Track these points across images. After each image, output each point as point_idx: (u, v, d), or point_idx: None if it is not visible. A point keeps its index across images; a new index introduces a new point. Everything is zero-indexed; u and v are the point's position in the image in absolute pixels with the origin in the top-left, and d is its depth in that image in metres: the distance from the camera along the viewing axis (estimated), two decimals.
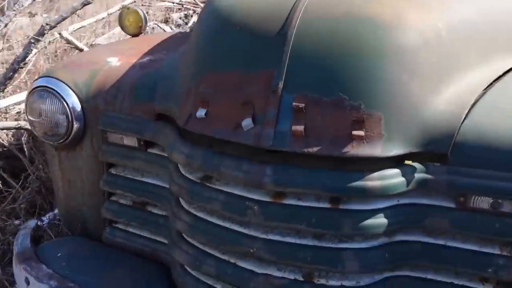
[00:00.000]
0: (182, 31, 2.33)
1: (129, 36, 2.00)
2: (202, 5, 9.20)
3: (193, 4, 9.22)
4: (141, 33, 1.98)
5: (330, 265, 1.16)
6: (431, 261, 1.18)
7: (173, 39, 1.96)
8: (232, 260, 1.26)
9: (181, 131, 1.31)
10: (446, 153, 1.10)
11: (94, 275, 1.45)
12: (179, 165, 1.34)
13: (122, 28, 1.96)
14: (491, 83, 1.27)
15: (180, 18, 8.05)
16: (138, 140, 1.44)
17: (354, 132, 1.06)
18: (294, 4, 1.19)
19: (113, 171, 1.56)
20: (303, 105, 1.08)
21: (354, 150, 1.07)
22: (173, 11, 7.93)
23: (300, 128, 1.07)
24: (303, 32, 1.13)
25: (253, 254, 1.20)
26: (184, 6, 9.03)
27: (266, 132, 1.09)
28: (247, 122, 1.11)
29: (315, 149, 1.07)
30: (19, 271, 1.49)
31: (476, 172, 1.09)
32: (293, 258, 1.17)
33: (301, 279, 1.20)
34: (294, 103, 1.08)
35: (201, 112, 1.20)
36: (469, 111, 1.15)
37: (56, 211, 1.99)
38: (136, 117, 1.43)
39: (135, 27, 1.94)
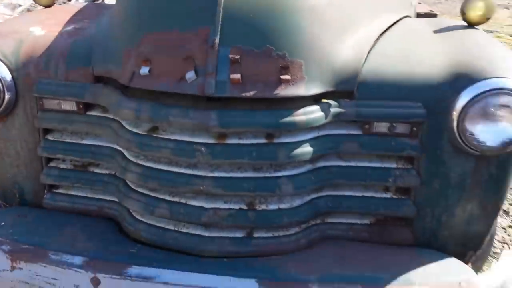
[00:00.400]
0: (92, 2, 2.33)
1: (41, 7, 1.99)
2: None
3: None
4: (54, 3, 1.98)
5: (269, 191, 1.38)
6: (346, 180, 1.47)
7: (89, 9, 1.99)
8: (183, 201, 1.43)
9: (124, 90, 1.42)
10: (353, 90, 1.38)
11: (45, 235, 1.50)
12: (123, 122, 1.45)
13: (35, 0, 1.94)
14: (380, 35, 1.58)
15: None
16: (77, 103, 1.51)
17: (282, 77, 1.28)
18: None
19: (50, 137, 1.60)
20: (238, 56, 1.27)
21: (283, 91, 1.29)
22: None
23: (237, 76, 1.26)
24: None
25: (203, 192, 1.38)
26: None
27: (208, 82, 1.26)
28: (190, 75, 1.27)
29: (251, 93, 1.27)
30: None
31: (376, 103, 1.38)
32: (238, 189, 1.38)
33: (245, 207, 1.42)
34: (230, 55, 1.27)
35: (144, 70, 1.32)
36: (367, 57, 1.43)
37: None
38: (73, 82, 1.50)
39: None
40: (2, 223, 1.56)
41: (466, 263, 1.52)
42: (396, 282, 1.34)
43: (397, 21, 1.77)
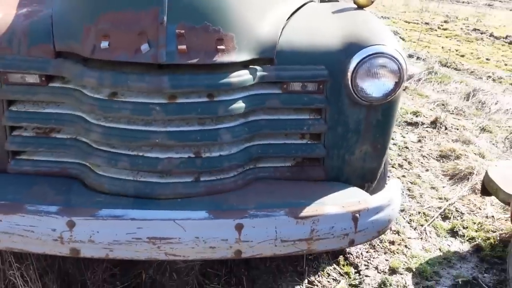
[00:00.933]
0: None
1: None
2: None
3: None
4: None
5: (212, 141, 1.73)
6: (271, 130, 1.86)
7: None
8: (141, 153, 1.73)
9: (84, 62, 1.68)
10: (273, 58, 1.77)
11: (17, 193, 1.72)
12: (84, 90, 1.71)
13: None
14: (291, 15, 1.98)
15: None
16: (39, 76, 1.74)
17: (218, 47, 1.63)
18: None
19: (14, 108, 1.80)
20: (183, 31, 1.59)
21: (219, 58, 1.64)
22: None
23: (183, 47, 1.58)
24: None
25: (158, 144, 1.70)
26: None
27: (160, 52, 1.57)
28: (145, 47, 1.57)
29: (194, 60, 1.61)
30: None
31: (291, 67, 1.78)
32: (187, 140, 1.71)
33: (193, 155, 1.75)
34: (176, 30, 1.59)
35: (104, 44, 1.60)
36: (282, 31, 1.82)
37: None
38: (36, 57, 1.72)
39: None
40: None
41: (366, 191, 1.98)
42: (313, 205, 1.75)
43: (304, 4, 2.19)
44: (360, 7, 2.14)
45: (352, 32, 1.85)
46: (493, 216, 2.94)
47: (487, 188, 2.49)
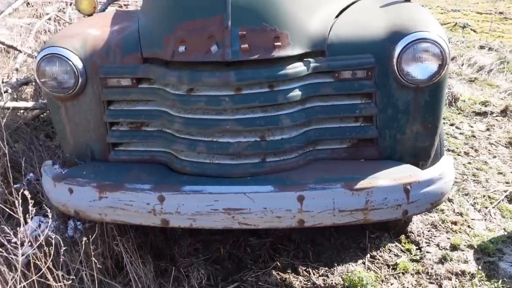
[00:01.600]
0: (119, 10, 2.93)
1: (84, 16, 2.60)
2: None
3: None
4: (94, 13, 2.59)
5: (274, 125, 2.00)
6: (326, 115, 2.09)
7: (119, 15, 2.61)
8: (215, 139, 2.05)
9: (166, 66, 2.03)
10: (324, 50, 2.01)
11: (118, 176, 2.11)
12: (167, 88, 2.06)
13: (79, 10, 2.55)
14: (341, 11, 2.21)
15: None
16: (131, 79, 2.13)
17: (275, 43, 1.91)
18: None
19: (112, 107, 2.21)
20: (245, 32, 1.89)
21: (277, 53, 1.91)
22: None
23: (246, 46, 1.88)
24: None
25: (228, 130, 2.00)
26: None
27: (226, 52, 1.88)
28: (214, 48, 1.89)
29: (256, 56, 1.90)
30: (60, 187, 2.08)
31: (341, 57, 2.01)
32: (253, 126, 1.99)
33: (259, 139, 2.03)
34: (239, 32, 1.89)
35: (182, 48, 1.94)
36: (331, 27, 2.06)
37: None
38: (128, 64, 2.11)
39: (90, 8, 2.55)
40: (84, 172, 2.16)
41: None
42: (367, 179, 1.95)
43: (354, 2, 2.41)
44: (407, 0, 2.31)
45: (397, 22, 2.04)
46: None
47: None
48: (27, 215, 1.85)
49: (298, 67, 1.97)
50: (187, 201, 1.94)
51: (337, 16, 2.17)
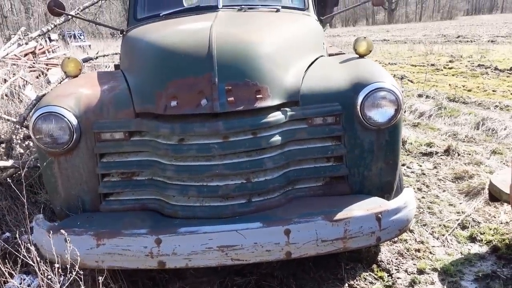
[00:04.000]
0: (99, 71, 3.13)
1: (70, 77, 2.79)
2: (24, 59, 9.55)
3: (17, 59, 9.48)
4: (80, 74, 2.78)
5: (259, 168, 2.24)
6: (303, 157, 2.36)
7: (103, 75, 2.82)
8: (205, 183, 2.25)
9: (158, 118, 2.24)
10: (298, 100, 2.31)
11: (112, 224, 2.23)
12: (158, 139, 2.26)
13: (65, 72, 2.74)
14: (308, 67, 2.55)
15: (5, 74, 8.34)
16: (124, 133, 2.31)
17: (257, 96, 2.19)
18: (209, 38, 2.27)
19: (104, 159, 2.37)
20: (230, 87, 2.16)
21: (259, 104, 2.19)
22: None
23: (231, 99, 2.14)
24: (220, 51, 2.21)
25: (217, 174, 2.21)
26: (5, 61, 9.26)
27: (215, 104, 2.13)
28: (204, 101, 2.14)
29: (240, 107, 2.16)
30: (56, 238, 2.17)
31: (312, 106, 2.32)
32: (239, 169, 2.22)
33: (245, 181, 2.26)
34: (225, 87, 2.15)
35: (173, 103, 2.17)
36: (302, 80, 2.38)
37: None
38: (121, 119, 2.30)
39: (76, 70, 2.74)
40: (79, 222, 2.27)
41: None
42: (343, 211, 2.21)
43: (316, 59, 2.78)
44: (361, 56, 2.70)
45: (357, 74, 2.40)
46: (507, 222, 3.30)
47: (492, 194, 2.89)
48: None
49: (277, 116, 2.25)
50: (183, 242, 2.10)
51: (306, 70, 2.50)
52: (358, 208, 2.23)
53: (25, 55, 10.54)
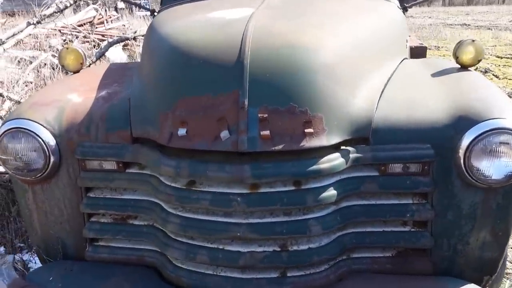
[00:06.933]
0: (114, 63, 2.50)
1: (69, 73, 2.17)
2: (80, 29, 9.24)
3: (73, 29, 9.17)
4: (82, 69, 2.15)
5: (300, 233, 1.52)
6: (367, 217, 1.60)
7: (112, 72, 2.17)
8: (221, 246, 1.56)
9: (162, 149, 1.57)
10: (368, 137, 1.54)
11: (94, 284, 1.62)
12: (162, 178, 1.59)
13: (64, 66, 2.11)
14: (386, 83, 1.75)
15: (61, 44, 8.06)
16: (117, 163, 1.66)
17: (306, 130, 1.44)
18: (242, 37, 1.54)
19: (91, 194, 1.74)
20: (266, 115, 1.42)
21: (307, 143, 1.44)
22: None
23: (267, 132, 1.41)
24: (255, 59, 1.48)
25: (239, 237, 1.52)
26: (62, 31, 8.97)
27: (241, 139, 1.41)
28: (225, 133, 1.42)
29: (280, 146, 1.43)
30: None
31: (389, 147, 1.54)
32: (271, 233, 1.51)
33: (278, 249, 1.55)
34: (259, 115, 1.42)
35: (182, 131, 1.48)
36: (377, 105, 1.60)
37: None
38: (113, 144, 1.65)
39: (76, 64, 2.11)
40: (51, 278, 1.67)
41: (484, 287, 1.64)
42: None
43: (397, 66, 1.96)
44: (465, 67, 1.86)
45: (461, 102, 1.57)
46: None
47: None
48: None
49: (334, 160, 1.49)
50: None
51: (383, 89, 1.70)
52: None
53: (82, 25, 10.27)
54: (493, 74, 8.20)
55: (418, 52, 3.53)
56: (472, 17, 17.79)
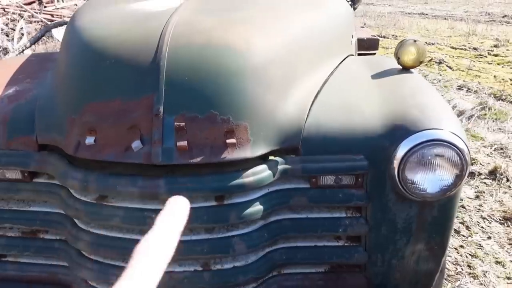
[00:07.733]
0: (35, 53, 2.26)
1: None
2: (27, 7, 8.71)
3: (18, 7, 8.63)
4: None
5: (223, 252, 1.39)
6: (298, 232, 1.50)
7: (30, 64, 1.95)
8: None
9: (71, 157, 1.40)
10: (298, 146, 1.42)
11: None
12: (71, 190, 1.42)
13: None
14: (322, 85, 1.63)
15: (4, 23, 7.59)
16: (22, 172, 1.47)
17: (228, 141, 1.30)
18: (161, 34, 1.38)
19: None
20: (183, 123, 1.27)
21: (229, 155, 1.31)
22: None
23: (184, 143, 1.27)
24: (173, 60, 1.32)
25: None
26: (6, 10, 8.43)
27: (155, 151, 1.26)
28: (136, 144, 1.27)
29: (198, 159, 1.28)
30: None
31: (320, 158, 1.42)
32: (191, 253, 1.37)
33: (200, 268, 1.42)
34: (175, 123, 1.27)
35: (89, 140, 1.31)
36: (309, 111, 1.48)
37: None
38: (16, 151, 1.46)
39: None
40: None
41: None
42: None
43: (338, 65, 1.84)
44: (406, 68, 1.76)
45: (398, 108, 1.48)
46: None
47: None
48: None
49: (260, 173, 1.36)
50: None
51: (318, 92, 1.58)
52: None
53: (29, 3, 9.70)
54: (447, 65, 8.33)
55: (370, 45, 3.43)
56: (431, 6, 18.04)
